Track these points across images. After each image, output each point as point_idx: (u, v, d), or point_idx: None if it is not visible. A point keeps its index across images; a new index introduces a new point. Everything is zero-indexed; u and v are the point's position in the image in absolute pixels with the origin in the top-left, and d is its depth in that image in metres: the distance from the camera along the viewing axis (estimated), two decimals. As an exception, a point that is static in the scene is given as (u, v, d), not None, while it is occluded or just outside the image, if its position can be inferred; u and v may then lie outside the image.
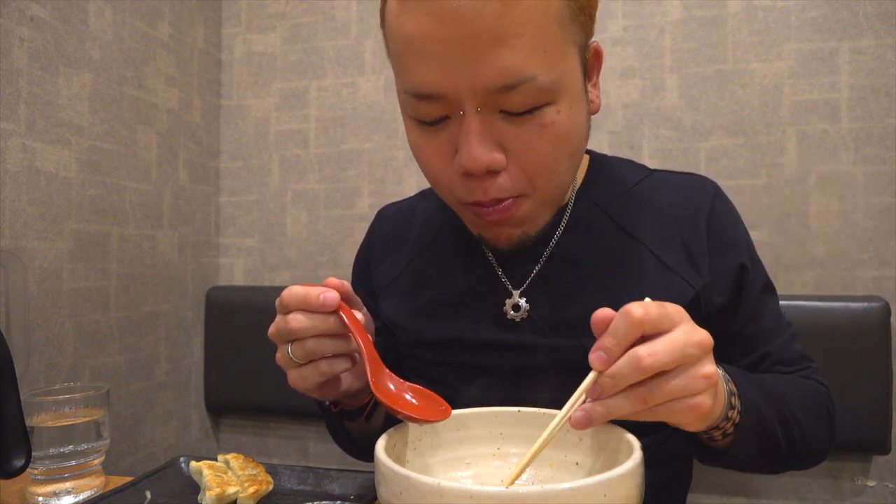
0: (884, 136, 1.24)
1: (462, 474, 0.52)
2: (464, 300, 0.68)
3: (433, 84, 0.52)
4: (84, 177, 1.19)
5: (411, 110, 0.56)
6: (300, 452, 1.58)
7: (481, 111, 0.52)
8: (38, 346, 1.09)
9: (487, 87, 0.50)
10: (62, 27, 1.14)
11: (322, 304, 0.50)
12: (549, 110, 0.53)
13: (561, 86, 0.53)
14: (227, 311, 1.53)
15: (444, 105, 0.53)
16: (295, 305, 0.51)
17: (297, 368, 0.53)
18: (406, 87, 0.54)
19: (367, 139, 1.55)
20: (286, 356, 0.53)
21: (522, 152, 0.54)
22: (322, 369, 0.52)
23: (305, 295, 0.51)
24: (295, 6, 1.60)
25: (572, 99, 0.54)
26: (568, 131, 0.55)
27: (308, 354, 0.52)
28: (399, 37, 0.53)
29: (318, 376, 0.53)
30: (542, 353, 0.64)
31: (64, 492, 0.62)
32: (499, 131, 0.53)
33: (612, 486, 0.37)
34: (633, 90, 1.38)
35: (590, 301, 0.63)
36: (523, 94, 0.51)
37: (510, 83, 0.50)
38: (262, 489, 0.60)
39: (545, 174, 0.56)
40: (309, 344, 0.51)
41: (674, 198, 0.68)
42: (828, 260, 1.27)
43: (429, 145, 0.57)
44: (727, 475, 1.30)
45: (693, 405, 0.42)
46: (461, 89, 0.51)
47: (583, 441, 0.50)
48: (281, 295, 0.53)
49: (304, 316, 0.51)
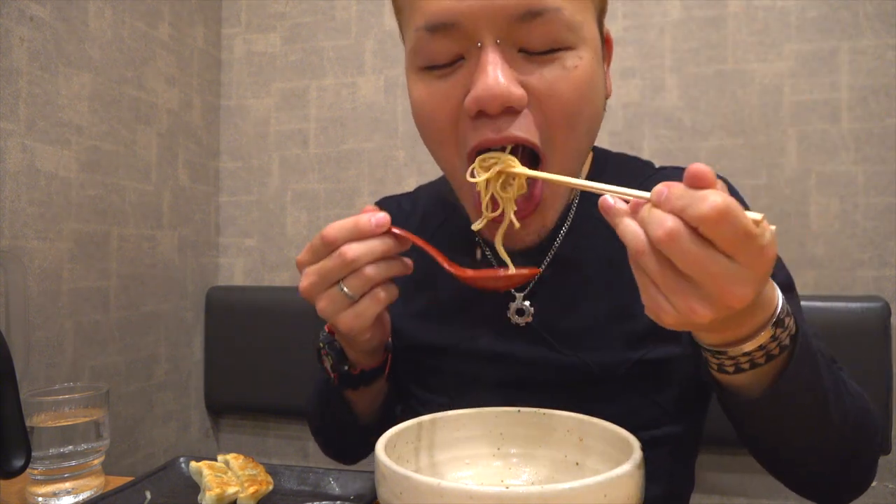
0: (884, 136, 1.24)
1: (462, 474, 0.52)
2: (465, 306, 0.66)
3: (451, 10, 0.48)
4: (84, 177, 1.19)
5: (423, 54, 0.52)
6: (300, 452, 1.58)
7: (501, 44, 0.49)
8: (38, 346, 1.09)
9: (509, 15, 0.47)
10: (62, 27, 1.14)
11: (376, 226, 0.50)
12: (572, 54, 0.50)
13: (583, 31, 0.50)
14: (227, 311, 1.53)
15: (459, 39, 0.49)
16: (346, 237, 0.50)
17: (351, 308, 0.51)
18: (418, 22, 0.51)
19: (367, 139, 1.55)
20: (337, 298, 0.51)
21: (545, 94, 0.50)
22: (380, 297, 0.52)
23: (355, 223, 0.50)
24: (295, 6, 1.60)
25: (593, 51, 0.52)
26: (590, 79, 0.51)
27: (368, 282, 0.50)
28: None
29: (376, 306, 0.52)
30: (543, 368, 0.62)
31: (64, 492, 0.62)
32: (519, 69, 0.49)
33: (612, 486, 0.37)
34: (633, 90, 1.38)
35: (592, 310, 0.61)
36: (546, 24, 0.48)
37: (534, 9, 0.47)
38: (262, 489, 0.60)
39: (565, 124, 0.52)
40: (367, 271, 0.50)
41: None
42: (828, 260, 1.27)
43: (436, 93, 0.53)
44: (727, 476, 1.30)
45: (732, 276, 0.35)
46: (480, 17, 0.48)
47: (583, 441, 0.50)
48: (318, 238, 0.51)
49: (360, 243, 0.50)
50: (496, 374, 0.64)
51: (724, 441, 0.75)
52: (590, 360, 0.60)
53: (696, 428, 0.67)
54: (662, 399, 0.62)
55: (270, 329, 1.48)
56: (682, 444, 0.65)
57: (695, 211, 0.34)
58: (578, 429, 0.50)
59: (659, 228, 0.36)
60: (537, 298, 0.63)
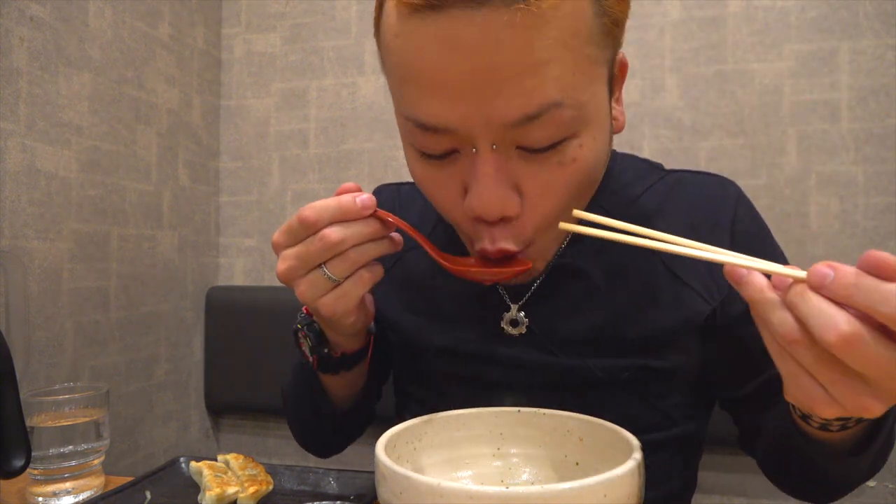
0: (884, 136, 1.24)
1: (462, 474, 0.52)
2: (458, 308, 0.64)
3: (442, 117, 0.44)
4: (84, 177, 1.19)
5: (414, 140, 0.49)
6: (300, 452, 1.57)
7: (497, 149, 0.45)
8: (38, 346, 1.09)
9: (506, 121, 0.43)
10: (62, 27, 1.14)
11: (362, 208, 0.47)
12: (572, 145, 0.46)
13: (586, 114, 0.46)
14: (227, 311, 1.53)
15: (452, 139, 0.46)
16: (328, 218, 0.47)
17: (334, 290, 0.49)
18: (408, 114, 0.47)
19: (367, 139, 1.55)
20: (319, 281, 0.48)
21: (539, 195, 0.48)
22: (365, 279, 0.49)
23: (338, 204, 0.47)
24: (295, 6, 1.60)
25: (597, 128, 0.48)
26: (590, 167, 0.49)
27: (352, 265, 0.48)
28: (399, 59, 0.46)
29: (361, 288, 0.49)
30: (541, 372, 0.60)
31: (64, 492, 0.62)
32: (515, 170, 0.46)
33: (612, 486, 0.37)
34: (633, 90, 1.38)
35: (595, 317, 0.59)
36: (546, 125, 0.44)
37: (532, 113, 0.43)
38: (262, 489, 0.60)
39: (559, 214, 0.49)
40: (352, 254, 0.47)
41: (691, 202, 0.62)
42: (828, 260, 1.27)
43: (434, 179, 0.50)
44: (727, 476, 1.30)
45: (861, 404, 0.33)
46: (475, 125, 0.44)
47: (583, 441, 0.50)
48: (295, 219, 0.47)
49: (343, 226, 0.47)
50: (496, 377, 0.62)
51: (725, 441, 0.75)
52: (592, 363, 0.59)
53: (699, 431, 0.66)
54: (666, 404, 0.61)
55: (270, 329, 1.48)
56: (686, 447, 0.65)
57: (883, 309, 0.30)
58: (578, 429, 0.50)
59: (830, 331, 0.31)
60: (534, 308, 0.61)
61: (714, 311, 0.59)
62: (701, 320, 0.59)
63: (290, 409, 0.75)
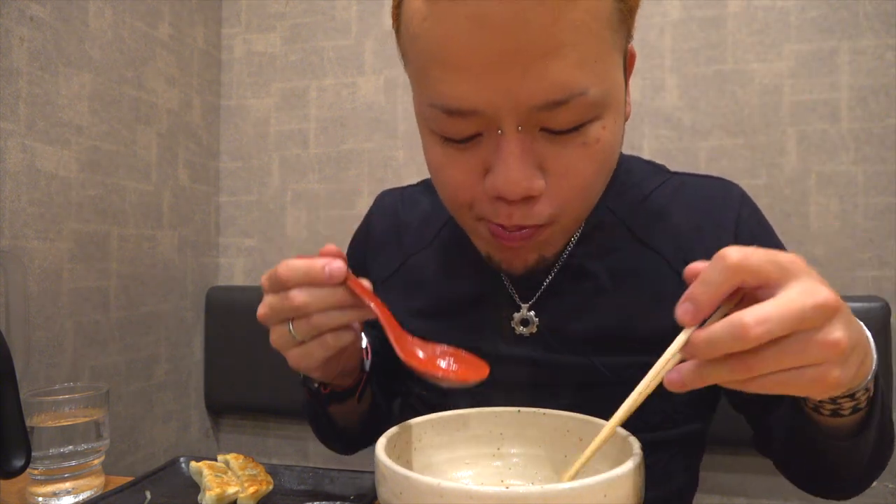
0: (884, 136, 1.24)
1: (462, 474, 0.52)
2: (467, 308, 0.65)
3: (469, 100, 0.45)
4: (84, 177, 1.19)
5: (436, 126, 0.49)
6: (300, 452, 1.58)
7: (522, 130, 0.46)
8: (38, 346, 1.09)
9: (532, 104, 0.44)
10: (62, 27, 1.14)
11: (329, 277, 0.46)
12: (595, 126, 0.47)
13: (608, 98, 0.47)
14: (227, 311, 1.53)
15: (478, 122, 0.46)
16: (296, 280, 0.47)
17: (299, 347, 0.49)
18: (433, 100, 0.47)
19: (367, 139, 1.55)
20: (286, 335, 0.49)
21: (563, 175, 0.48)
22: (329, 343, 0.49)
23: (308, 268, 0.47)
24: (295, 6, 1.60)
25: (617, 111, 0.49)
26: (612, 149, 0.50)
27: (314, 329, 0.48)
28: (426, 43, 0.46)
29: (324, 351, 0.49)
30: (549, 371, 0.61)
31: (64, 492, 0.62)
32: (539, 152, 0.47)
33: (612, 486, 0.37)
34: (634, 90, 1.38)
35: (601, 317, 0.60)
36: (571, 110, 0.45)
37: (559, 99, 0.44)
38: (262, 489, 0.60)
39: (583, 197, 0.51)
40: (315, 319, 0.47)
41: (696, 205, 0.63)
42: (828, 260, 1.27)
43: (454, 164, 0.50)
44: (727, 476, 1.30)
45: (814, 377, 0.34)
46: (501, 106, 0.44)
47: (583, 441, 0.50)
48: (272, 271, 0.48)
49: (309, 291, 0.47)
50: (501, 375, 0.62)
51: (725, 441, 0.75)
52: (598, 362, 0.60)
53: (701, 431, 0.66)
54: (671, 403, 0.61)
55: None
56: (688, 447, 0.65)
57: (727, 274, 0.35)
58: (578, 429, 0.50)
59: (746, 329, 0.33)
60: (543, 307, 0.62)
61: None
62: None
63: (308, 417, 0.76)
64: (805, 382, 0.35)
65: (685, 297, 0.36)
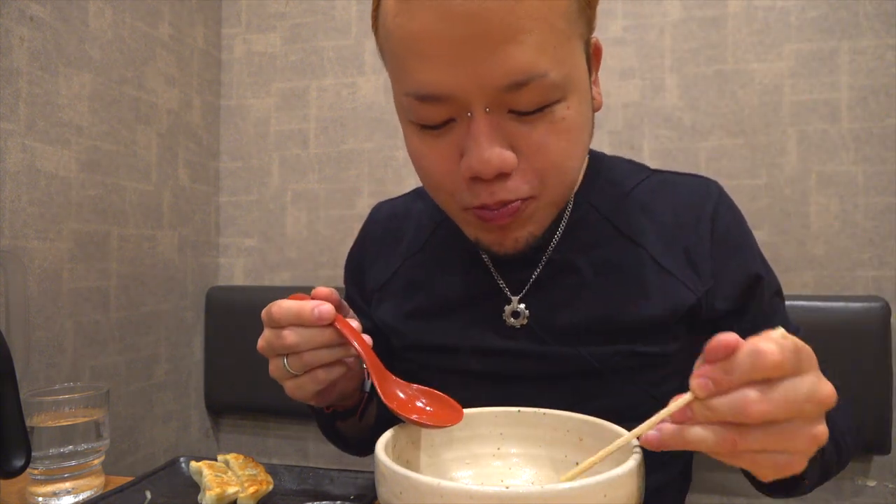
0: (884, 136, 1.24)
1: (462, 474, 0.52)
2: (460, 305, 0.67)
3: (439, 84, 0.49)
4: (84, 177, 1.19)
5: (413, 114, 0.53)
6: (300, 452, 1.58)
7: (490, 111, 0.50)
8: (38, 346, 1.09)
9: (497, 86, 0.48)
10: (62, 27, 1.14)
11: (318, 319, 0.50)
12: (559, 107, 0.51)
13: (570, 82, 0.51)
14: (227, 311, 1.53)
15: (449, 107, 0.51)
16: (287, 321, 0.50)
17: (293, 379, 0.53)
18: (408, 89, 0.52)
19: (367, 139, 1.55)
20: (281, 368, 0.52)
21: (534, 152, 0.52)
22: (320, 378, 0.52)
23: (299, 310, 0.50)
24: (295, 6, 1.60)
25: (580, 95, 0.53)
26: (579, 126, 0.53)
27: (305, 366, 0.51)
28: (399, 37, 0.51)
29: (315, 385, 0.53)
30: (539, 361, 0.63)
31: (64, 492, 0.62)
32: (509, 131, 0.51)
33: (612, 486, 0.37)
34: (633, 90, 1.38)
35: (587, 308, 0.62)
36: (533, 91, 0.49)
37: (520, 80, 0.48)
38: (262, 489, 0.60)
39: (557, 173, 0.54)
40: (306, 357, 0.51)
41: (676, 200, 0.66)
42: (828, 260, 1.27)
43: (431, 151, 0.54)
44: (727, 475, 1.30)
45: (784, 463, 0.37)
46: (469, 89, 0.49)
47: (583, 441, 0.50)
48: (268, 310, 0.52)
49: (299, 331, 0.50)
50: (494, 370, 0.65)
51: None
52: (585, 352, 0.61)
53: None
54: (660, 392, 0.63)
55: (270, 329, 1.48)
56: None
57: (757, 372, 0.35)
58: (578, 429, 0.50)
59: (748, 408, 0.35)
60: (533, 300, 0.64)
61: (699, 302, 0.62)
62: (686, 309, 0.62)
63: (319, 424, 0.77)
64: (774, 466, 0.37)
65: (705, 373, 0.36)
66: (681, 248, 0.64)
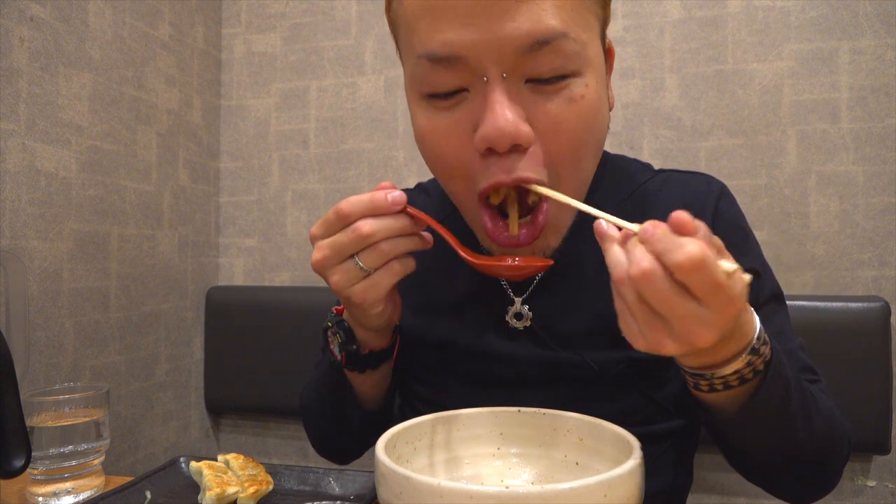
0: (884, 136, 1.24)
1: (462, 474, 0.52)
2: (463, 304, 0.66)
3: (455, 44, 0.47)
4: (84, 177, 1.19)
5: (424, 82, 0.51)
6: (300, 452, 1.58)
7: (507, 77, 0.48)
8: (38, 346, 1.09)
9: (516, 47, 0.47)
10: (62, 27, 1.14)
11: (392, 204, 0.50)
12: (578, 83, 0.50)
13: (587, 57, 0.50)
14: (227, 311, 1.53)
15: (463, 72, 0.49)
16: (361, 212, 0.50)
17: (365, 280, 0.52)
18: (420, 51, 0.50)
19: (367, 139, 1.55)
20: (352, 270, 0.51)
21: (551, 128, 0.50)
22: (396, 269, 0.52)
23: (371, 199, 0.50)
24: (295, 6, 1.60)
25: (598, 77, 0.52)
26: (596, 108, 0.52)
27: (383, 257, 0.51)
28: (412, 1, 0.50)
29: (391, 277, 0.52)
30: (541, 365, 0.62)
31: (64, 492, 0.62)
32: (526, 104, 0.49)
33: (612, 486, 0.37)
34: (633, 90, 1.38)
35: (592, 311, 0.62)
36: (552, 54, 0.47)
37: (540, 38, 0.46)
38: (262, 489, 0.60)
39: (571, 157, 0.52)
40: (383, 246, 0.50)
41: (680, 199, 0.66)
42: (828, 260, 1.27)
43: (442, 127, 0.52)
44: (727, 475, 1.30)
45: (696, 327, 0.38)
46: (486, 50, 0.47)
47: (583, 441, 0.50)
48: (335, 209, 0.50)
49: (375, 220, 0.50)
50: (496, 372, 0.64)
51: (725, 441, 0.75)
52: (589, 357, 0.61)
53: (694, 425, 0.67)
54: (661, 396, 0.63)
55: (270, 329, 1.48)
56: (681, 439, 0.66)
57: (671, 258, 0.37)
58: (578, 429, 0.50)
59: (636, 266, 0.38)
60: (536, 302, 0.63)
61: None
62: None
63: (312, 415, 0.76)
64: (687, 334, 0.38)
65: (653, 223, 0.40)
66: None
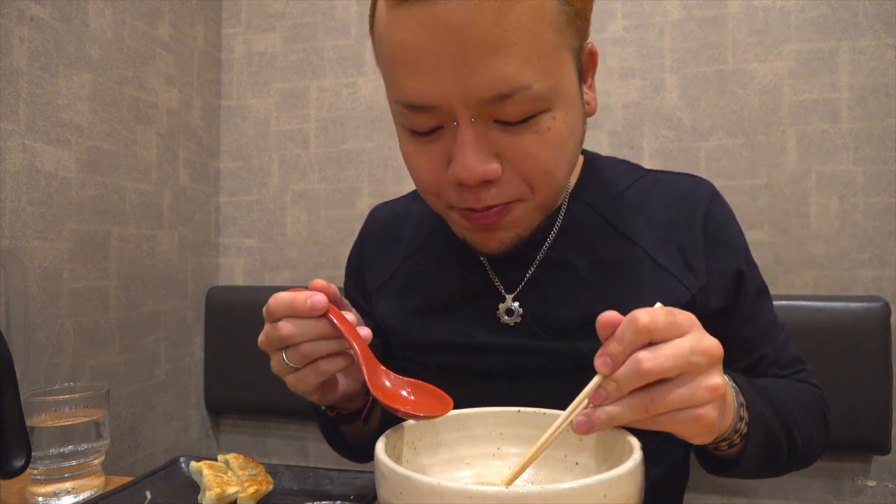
0: (884, 136, 1.24)
1: (462, 474, 0.52)
2: (456, 303, 0.67)
3: (425, 95, 0.50)
4: (84, 177, 1.19)
5: (404, 120, 0.54)
6: (300, 452, 1.58)
7: (475, 121, 0.51)
8: (38, 346, 1.09)
9: (481, 98, 0.49)
10: (62, 27, 1.14)
11: (310, 309, 0.50)
12: (545, 117, 0.52)
13: (556, 93, 0.51)
14: (227, 311, 1.53)
15: (437, 116, 0.52)
16: (282, 312, 0.51)
17: (294, 373, 0.53)
18: (397, 97, 0.53)
19: (367, 139, 1.55)
20: (281, 362, 0.52)
21: (520, 160, 0.52)
22: (321, 369, 0.52)
23: (292, 301, 0.50)
24: (295, 6, 1.60)
25: (568, 105, 0.53)
26: (564, 137, 0.54)
27: (304, 358, 0.51)
28: (389, 46, 0.52)
29: (316, 377, 0.52)
30: (535, 357, 0.63)
31: (64, 492, 0.62)
32: (494, 141, 0.52)
33: (612, 486, 0.37)
34: (633, 90, 1.38)
35: (584, 304, 0.63)
36: (518, 103, 0.49)
37: (504, 92, 0.48)
38: (262, 489, 0.60)
39: (544, 180, 0.54)
40: (303, 348, 0.51)
41: (670, 199, 0.67)
42: (828, 260, 1.27)
43: (421, 155, 0.56)
44: (727, 475, 1.30)
45: (697, 416, 0.40)
46: (454, 100, 0.49)
47: (583, 441, 0.50)
48: (267, 303, 0.52)
49: (294, 322, 0.50)
50: (491, 366, 0.65)
51: (724, 441, 0.75)
52: (581, 345, 0.62)
53: None
54: None
55: (270, 329, 1.48)
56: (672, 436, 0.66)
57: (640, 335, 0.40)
58: (578, 429, 0.50)
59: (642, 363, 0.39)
60: (526, 298, 0.64)
61: (693, 298, 0.63)
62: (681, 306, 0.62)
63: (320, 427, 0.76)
64: (689, 421, 0.41)
65: (602, 352, 0.41)
66: (675, 246, 0.64)
